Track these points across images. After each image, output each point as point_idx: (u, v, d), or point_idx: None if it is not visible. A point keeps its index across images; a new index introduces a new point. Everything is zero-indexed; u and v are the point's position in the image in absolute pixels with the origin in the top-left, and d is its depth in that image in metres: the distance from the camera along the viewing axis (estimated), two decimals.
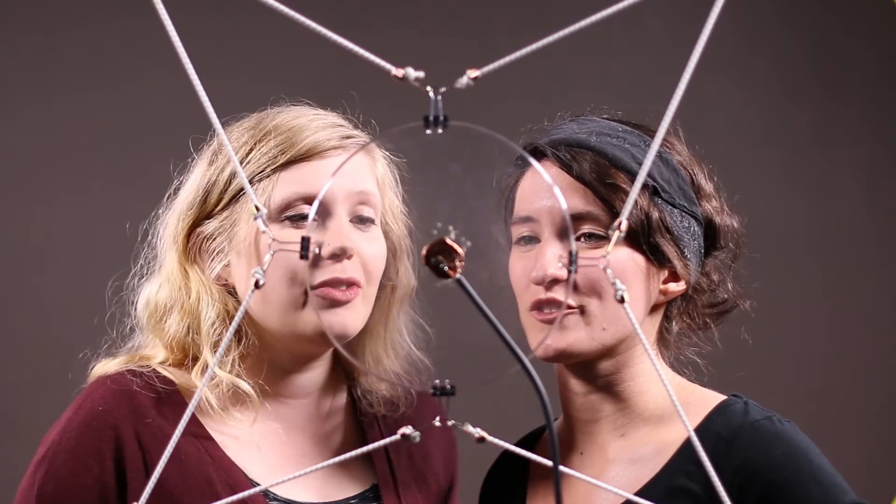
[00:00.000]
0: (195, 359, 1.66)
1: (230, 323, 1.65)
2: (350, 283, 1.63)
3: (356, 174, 1.67)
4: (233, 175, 1.65)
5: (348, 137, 1.68)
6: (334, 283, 1.62)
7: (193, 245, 1.68)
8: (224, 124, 1.37)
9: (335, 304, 1.63)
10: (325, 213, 1.64)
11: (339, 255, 1.62)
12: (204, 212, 1.68)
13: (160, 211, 1.73)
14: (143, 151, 3.02)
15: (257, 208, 1.36)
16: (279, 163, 1.64)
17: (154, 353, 1.69)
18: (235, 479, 1.63)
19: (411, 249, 1.74)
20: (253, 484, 1.63)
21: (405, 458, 1.75)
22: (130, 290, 1.73)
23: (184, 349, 1.67)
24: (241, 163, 1.65)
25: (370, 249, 1.66)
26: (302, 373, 1.70)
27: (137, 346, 1.72)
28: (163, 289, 1.69)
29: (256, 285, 1.33)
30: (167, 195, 1.73)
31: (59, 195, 3.07)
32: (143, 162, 2.92)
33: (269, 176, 1.64)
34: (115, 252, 1.75)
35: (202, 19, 3.03)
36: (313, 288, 1.62)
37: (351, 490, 1.71)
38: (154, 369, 1.66)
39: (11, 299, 3.06)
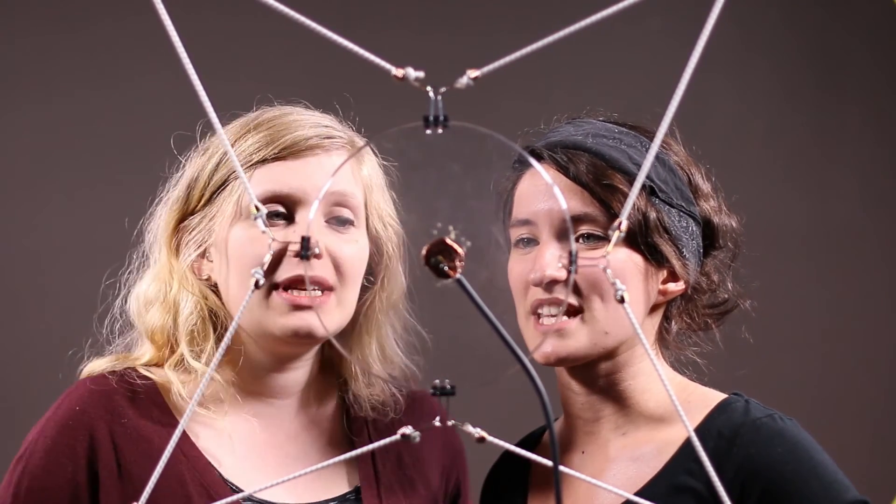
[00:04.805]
0: (174, 352, 1.67)
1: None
2: (319, 284, 1.62)
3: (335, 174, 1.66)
4: (213, 172, 1.66)
5: (329, 138, 1.67)
6: (297, 281, 1.61)
7: (178, 239, 1.69)
8: (224, 123, 1.37)
9: (299, 307, 1.62)
10: (296, 210, 1.63)
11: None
12: (188, 207, 1.68)
13: (157, 208, 1.73)
14: (144, 151, 3.01)
15: (257, 208, 1.34)
16: (253, 161, 1.64)
17: (141, 352, 1.70)
18: (209, 479, 1.63)
19: (403, 253, 1.73)
20: (227, 484, 1.63)
21: (393, 462, 1.74)
22: (124, 285, 1.74)
23: (166, 341, 1.68)
24: (222, 160, 1.66)
25: (346, 250, 1.65)
26: (282, 372, 1.69)
27: (129, 342, 1.73)
28: (152, 283, 1.70)
29: (256, 285, 1.32)
30: (161, 191, 1.74)
31: (59, 194, 3.07)
32: (144, 161, 2.93)
33: (245, 172, 1.63)
34: (115, 252, 1.75)
35: (202, 19, 3.03)
36: (276, 287, 1.62)
37: (331, 492, 1.70)
38: (135, 368, 1.67)
39: (13, 299, 3.05)
